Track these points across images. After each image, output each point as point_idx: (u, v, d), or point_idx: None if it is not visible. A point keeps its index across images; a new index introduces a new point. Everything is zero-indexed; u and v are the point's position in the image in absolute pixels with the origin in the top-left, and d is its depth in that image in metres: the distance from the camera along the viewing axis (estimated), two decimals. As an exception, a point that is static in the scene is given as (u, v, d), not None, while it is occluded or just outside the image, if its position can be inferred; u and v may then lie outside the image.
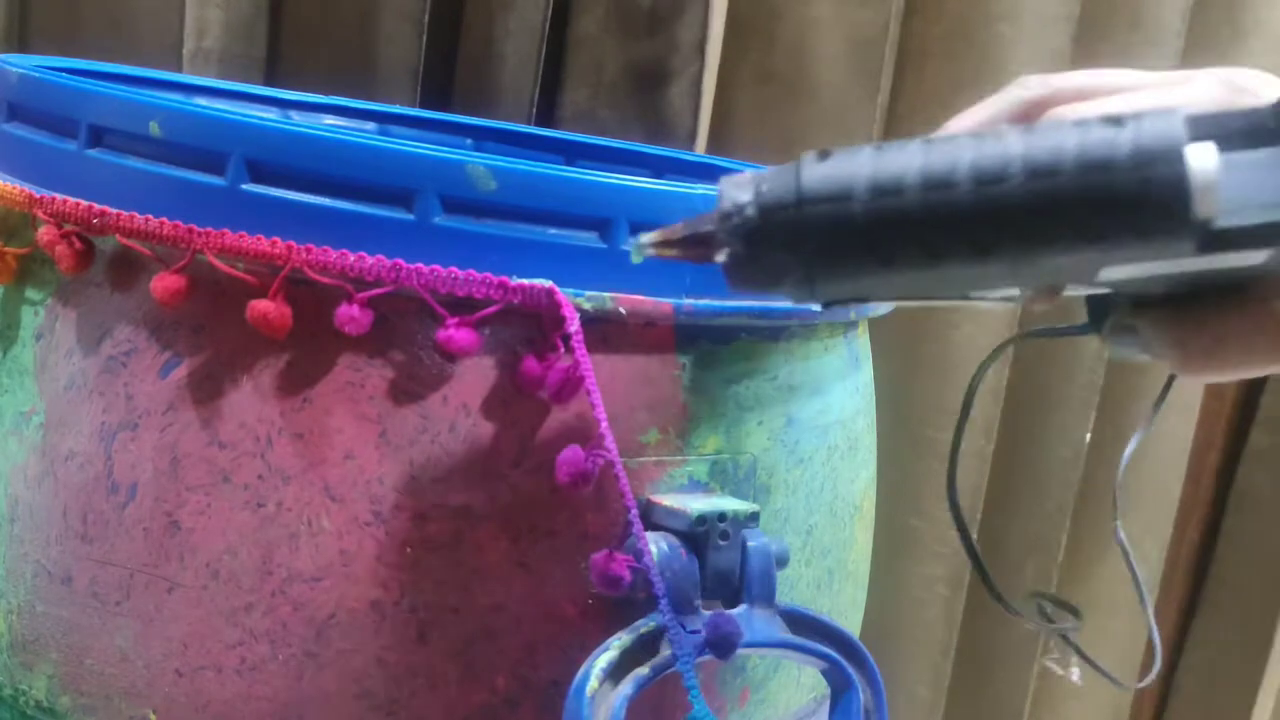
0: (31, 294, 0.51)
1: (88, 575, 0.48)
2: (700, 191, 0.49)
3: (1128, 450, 0.62)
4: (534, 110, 0.92)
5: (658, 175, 0.77)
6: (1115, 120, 0.34)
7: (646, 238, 0.38)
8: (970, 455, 1.09)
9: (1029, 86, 0.46)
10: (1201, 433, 1.23)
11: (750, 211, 0.36)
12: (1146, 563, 1.24)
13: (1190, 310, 0.40)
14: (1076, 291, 0.39)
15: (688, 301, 0.48)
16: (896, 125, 1.04)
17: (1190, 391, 1.20)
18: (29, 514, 0.49)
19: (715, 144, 1.01)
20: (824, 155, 0.35)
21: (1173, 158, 0.33)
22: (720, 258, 0.36)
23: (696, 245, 0.37)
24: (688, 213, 0.47)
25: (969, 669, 1.16)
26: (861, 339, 0.60)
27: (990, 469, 1.11)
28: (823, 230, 0.35)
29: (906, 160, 0.35)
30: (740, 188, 0.36)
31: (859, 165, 0.35)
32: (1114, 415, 1.13)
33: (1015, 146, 0.34)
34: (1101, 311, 0.42)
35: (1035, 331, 0.53)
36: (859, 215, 0.35)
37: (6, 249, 0.51)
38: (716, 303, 0.49)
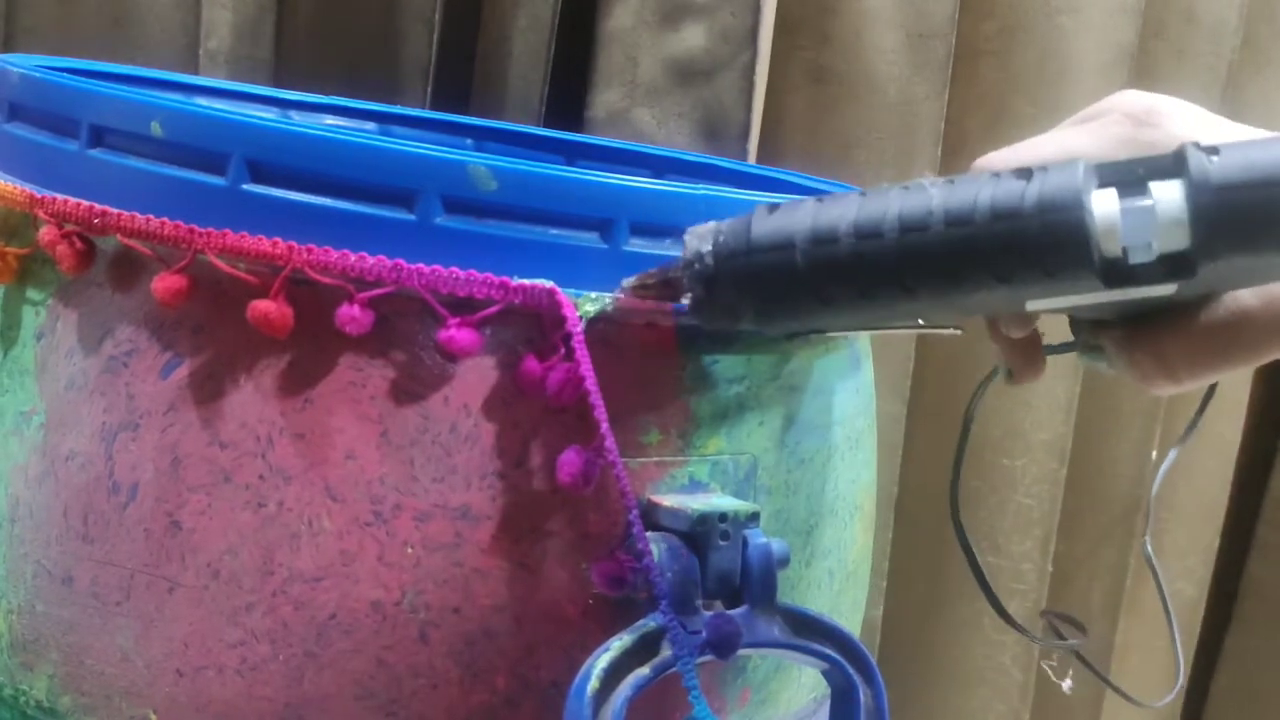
0: (32, 294, 0.51)
1: (88, 575, 0.48)
2: (701, 192, 0.49)
3: (1163, 467, 0.63)
4: (543, 109, 0.91)
5: (658, 175, 0.77)
6: (1024, 173, 0.38)
7: (626, 281, 0.45)
8: (1042, 480, 1.02)
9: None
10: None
11: (709, 260, 0.41)
12: (1191, 577, 1.18)
13: (1140, 331, 0.43)
14: (1053, 310, 0.42)
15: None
16: (949, 130, 0.96)
17: (1234, 401, 1.14)
18: (30, 514, 0.49)
19: (767, 150, 0.94)
20: (773, 208, 0.41)
21: (1073, 205, 0.37)
22: (685, 300, 0.42)
23: (666, 288, 0.44)
24: (688, 212, 0.48)
25: (1047, 714, 1.10)
26: (862, 339, 0.60)
27: (1064, 494, 1.04)
28: (769, 275, 0.40)
29: (842, 212, 0.40)
30: (701, 238, 0.42)
31: (801, 217, 0.40)
32: (1178, 431, 1.07)
33: (936, 198, 0.39)
34: (1077, 330, 0.46)
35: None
36: (800, 262, 0.40)
37: (8, 249, 0.51)
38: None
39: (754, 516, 0.48)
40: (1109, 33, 0.97)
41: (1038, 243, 0.37)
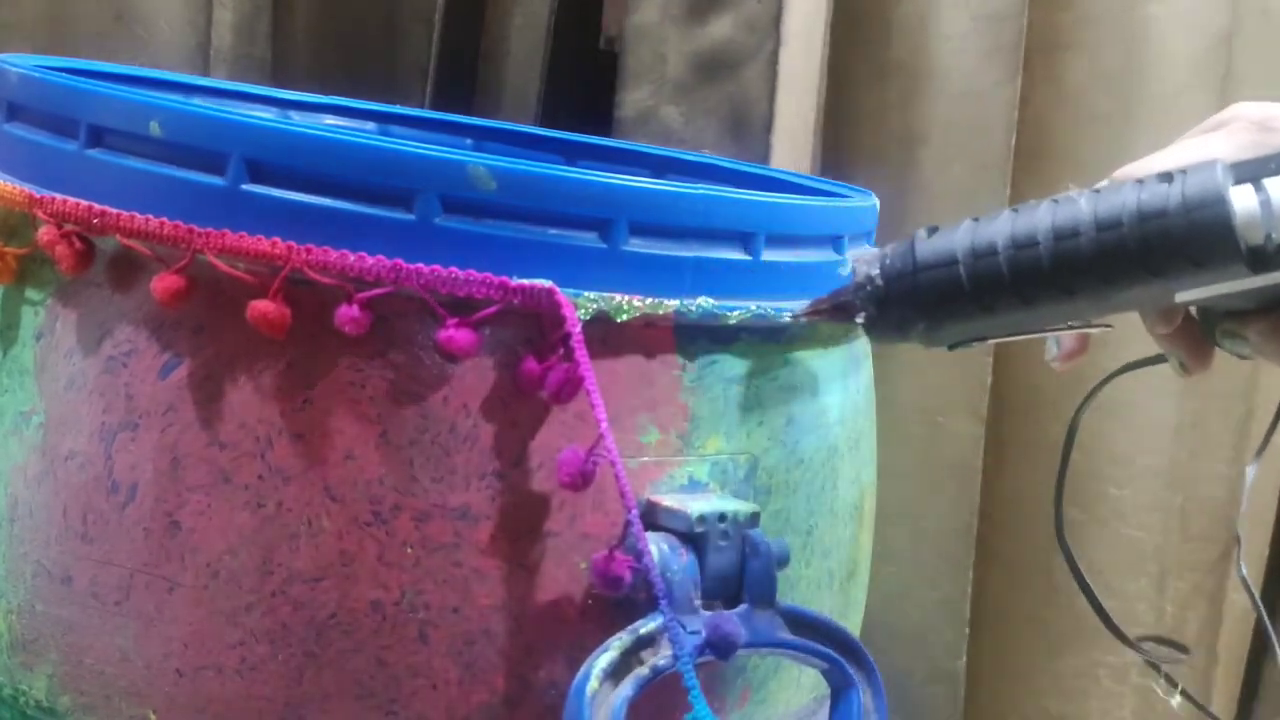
0: (32, 294, 0.51)
1: (88, 575, 0.48)
2: (700, 192, 0.49)
3: (1246, 484, 0.63)
4: (540, 108, 0.91)
5: (658, 175, 0.77)
6: (1167, 176, 0.43)
7: (800, 308, 0.50)
8: (1153, 510, 0.92)
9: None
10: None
11: (879, 281, 0.46)
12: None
13: None
14: (1200, 300, 0.46)
15: (687, 302, 0.48)
16: (1027, 130, 0.90)
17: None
18: (29, 514, 0.49)
19: (830, 150, 0.90)
20: (931, 231, 0.46)
21: (1216, 201, 0.41)
22: (859, 319, 0.47)
23: (839, 311, 0.48)
24: (687, 212, 0.48)
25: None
26: (862, 339, 0.60)
27: (1179, 524, 0.94)
28: (936, 290, 0.45)
29: (998, 227, 0.45)
30: (868, 263, 0.47)
31: (960, 236, 0.45)
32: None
33: (1085, 207, 0.43)
34: (1210, 322, 0.49)
35: (1131, 365, 0.56)
36: (964, 275, 0.45)
37: (7, 249, 0.51)
38: (716, 303, 0.49)
39: (754, 516, 0.48)
40: (1200, 18, 0.89)
41: (1185, 238, 0.42)
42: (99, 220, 0.47)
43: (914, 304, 0.46)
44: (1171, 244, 0.42)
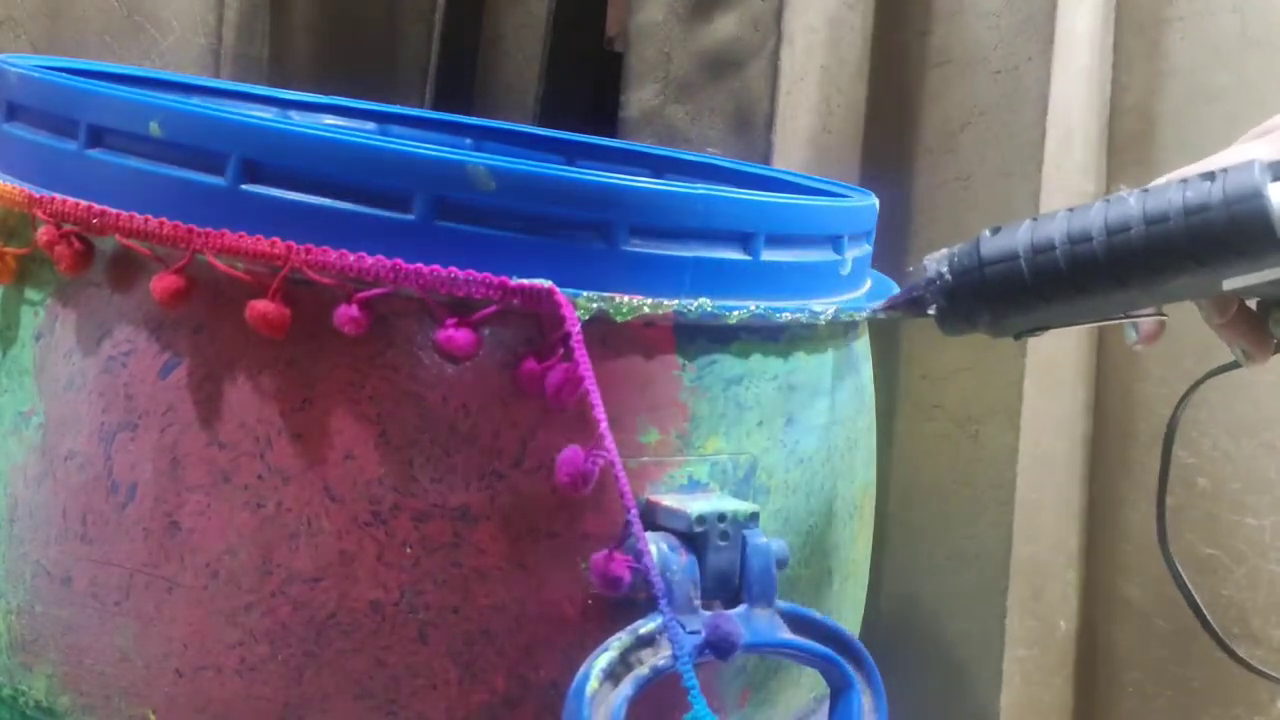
0: (31, 294, 0.51)
1: (87, 575, 0.48)
2: (700, 192, 0.49)
3: None
4: (539, 108, 0.91)
5: (657, 175, 0.77)
6: (1209, 175, 0.47)
7: (875, 305, 0.54)
8: (1197, 517, 0.80)
9: None
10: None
11: (948, 277, 0.50)
12: None
13: None
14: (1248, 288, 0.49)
15: (687, 302, 0.48)
16: (1128, 116, 0.82)
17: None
18: (29, 514, 0.49)
19: (873, 142, 0.87)
20: (995, 230, 0.50)
21: (1254, 195, 0.46)
22: (931, 311, 0.51)
23: (913, 305, 0.52)
24: (687, 212, 0.48)
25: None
26: (861, 340, 0.60)
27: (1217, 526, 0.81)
28: (999, 284, 0.49)
29: (1055, 225, 0.49)
30: (938, 261, 0.51)
31: (1021, 235, 0.49)
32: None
33: (1135, 205, 0.48)
34: (1266, 312, 0.52)
35: (1224, 367, 0.57)
36: (1024, 270, 0.49)
37: (6, 249, 0.51)
38: (716, 303, 0.49)
39: (753, 516, 0.48)
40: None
41: (1227, 230, 0.46)
42: (98, 220, 0.47)
43: (980, 296, 0.50)
44: (1214, 236, 0.46)
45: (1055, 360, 0.82)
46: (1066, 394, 0.82)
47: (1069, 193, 0.82)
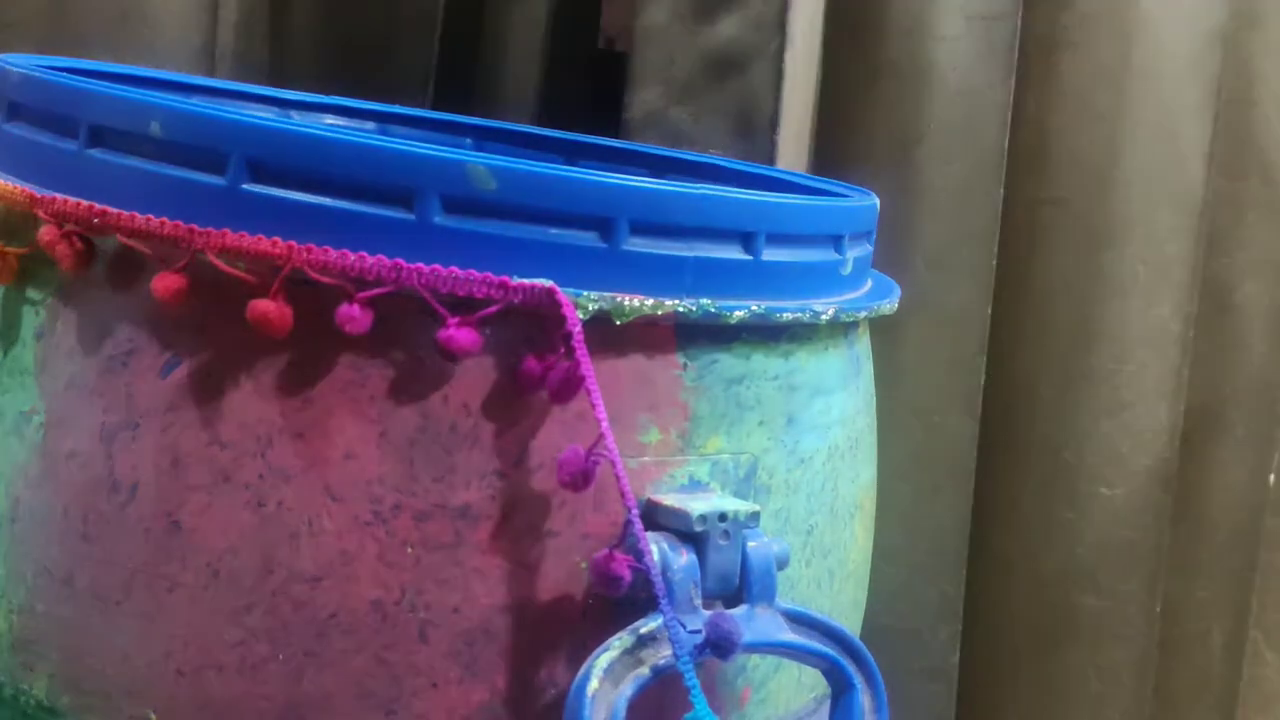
0: (32, 294, 0.51)
1: (88, 575, 0.48)
2: (701, 191, 0.49)
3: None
4: (541, 108, 0.91)
5: (658, 175, 0.77)
6: None
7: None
8: (1145, 512, 0.93)
9: None
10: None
11: None
12: None
13: None
14: None
15: (688, 301, 0.48)
16: (1025, 129, 0.92)
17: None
18: (30, 514, 0.49)
19: (824, 153, 0.91)
20: None
21: None
22: None
23: None
24: (688, 211, 0.48)
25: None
26: (863, 339, 0.60)
27: (1171, 526, 0.95)
28: None
29: None
30: None
31: None
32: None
33: None
34: None
35: None
36: None
37: (7, 249, 0.51)
38: (717, 303, 0.49)
39: (754, 516, 0.48)
40: (1198, 20, 0.91)
41: None
42: (99, 220, 0.47)
43: None
44: None
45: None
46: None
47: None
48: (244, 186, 0.46)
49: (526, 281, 0.45)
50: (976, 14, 0.88)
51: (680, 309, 0.48)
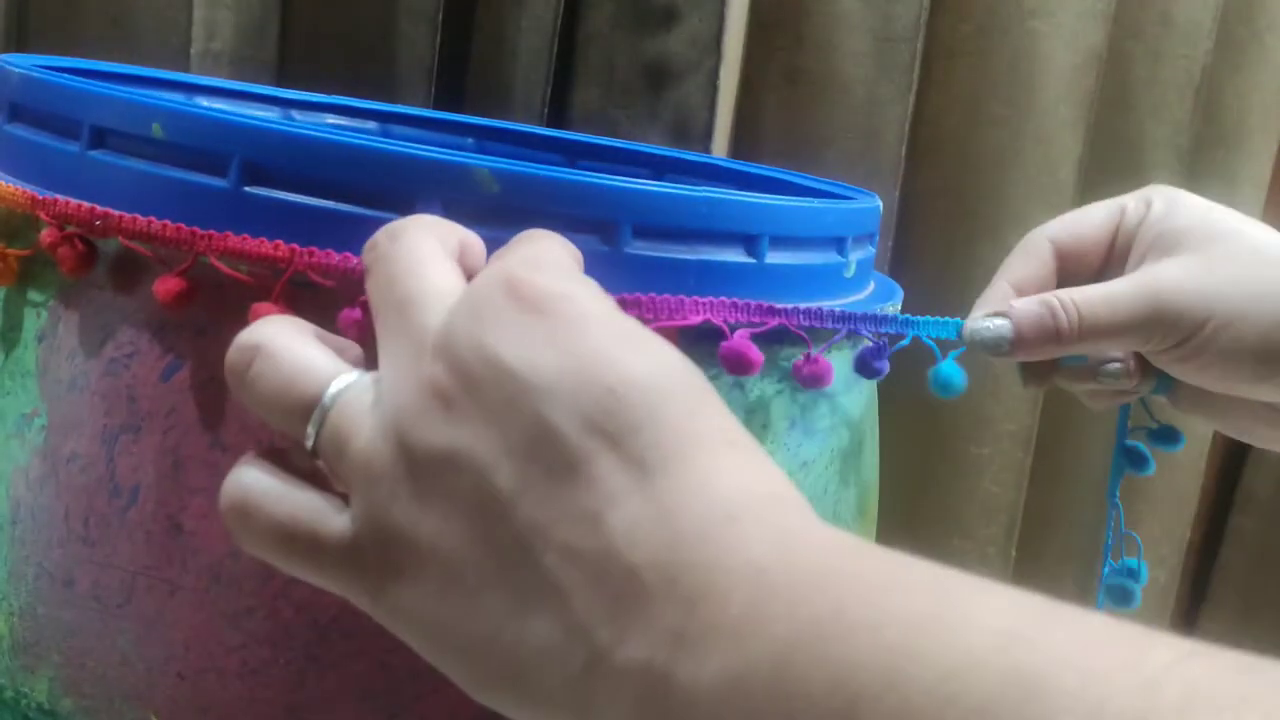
0: (34, 296, 0.50)
1: (89, 578, 0.48)
2: (703, 193, 0.49)
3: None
4: (545, 109, 0.91)
5: (659, 176, 0.77)
6: None
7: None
8: (1008, 469, 1.07)
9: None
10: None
11: None
12: (1164, 565, 1.23)
13: None
14: None
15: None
16: (924, 129, 1.02)
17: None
18: (31, 516, 0.49)
19: (743, 148, 0.98)
20: None
21: None
22: None
23: None
24: (691, 214, 0.47)
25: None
26: (864, 342, 0.60)
27: (1029, 482, 1.10)
28: None
29: None
30: None
31: None
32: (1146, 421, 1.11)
33: None
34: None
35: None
36: None
37: (9, 251, 0.51)
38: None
39: (756, 519, 0.48)
40: (1079, 37, 1.01)
41: None
42: (101, 222, 0.47)
43: None
44: None
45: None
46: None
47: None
48: (246, 189, 0.46)
49: (529, 284, 0.45)
50: (884, 36, 0.98)
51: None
